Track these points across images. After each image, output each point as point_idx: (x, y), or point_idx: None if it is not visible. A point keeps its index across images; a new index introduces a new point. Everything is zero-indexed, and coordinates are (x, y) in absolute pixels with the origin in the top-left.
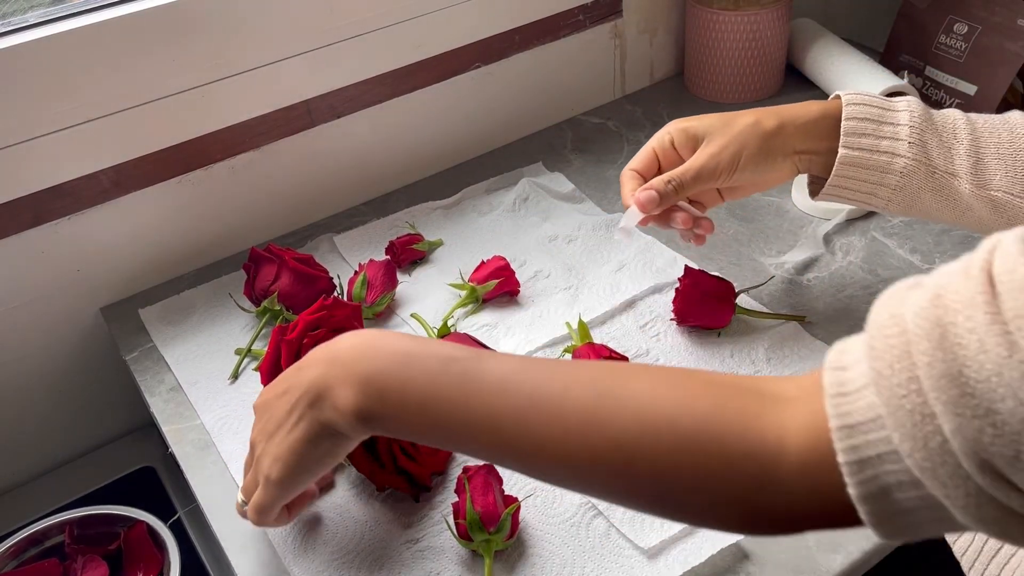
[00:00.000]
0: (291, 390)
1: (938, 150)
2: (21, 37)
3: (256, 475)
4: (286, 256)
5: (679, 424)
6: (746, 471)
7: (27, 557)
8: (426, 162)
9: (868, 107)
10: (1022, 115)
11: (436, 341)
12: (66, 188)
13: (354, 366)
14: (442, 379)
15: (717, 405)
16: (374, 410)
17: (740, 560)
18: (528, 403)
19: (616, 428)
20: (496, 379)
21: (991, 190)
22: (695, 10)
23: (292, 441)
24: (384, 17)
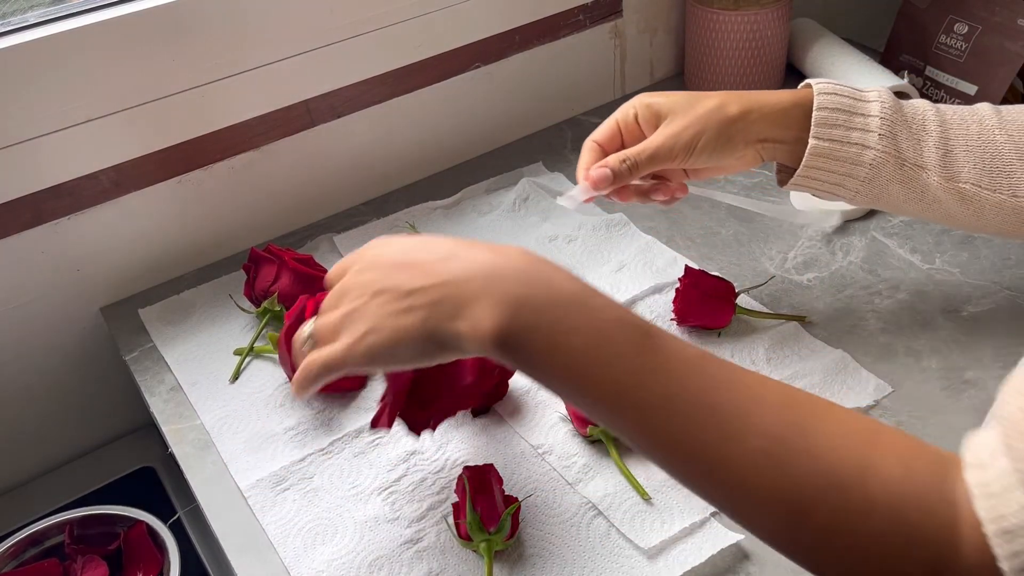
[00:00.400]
0: (426, 272)
1: (908, 142)
2: (21, 37)
3: (339, 327)
4: (286, 256)
5: (868, 485)
6: (924, 555)
7: (27, 557)
8: (426, 162)
9: (840, 97)
10: (991, 107)
11: (606, 296)
12: (66, 188)
13: (515, 289)
14: (613, 337)
15: (907, 471)
16: (517, 342)
17: (740, 560)
18: (705, 403)
19: (800, 471)
20: (679, 361)
21: (959, 182)
22: (695, 10)
23: (401, 325)
24: (384, 17)
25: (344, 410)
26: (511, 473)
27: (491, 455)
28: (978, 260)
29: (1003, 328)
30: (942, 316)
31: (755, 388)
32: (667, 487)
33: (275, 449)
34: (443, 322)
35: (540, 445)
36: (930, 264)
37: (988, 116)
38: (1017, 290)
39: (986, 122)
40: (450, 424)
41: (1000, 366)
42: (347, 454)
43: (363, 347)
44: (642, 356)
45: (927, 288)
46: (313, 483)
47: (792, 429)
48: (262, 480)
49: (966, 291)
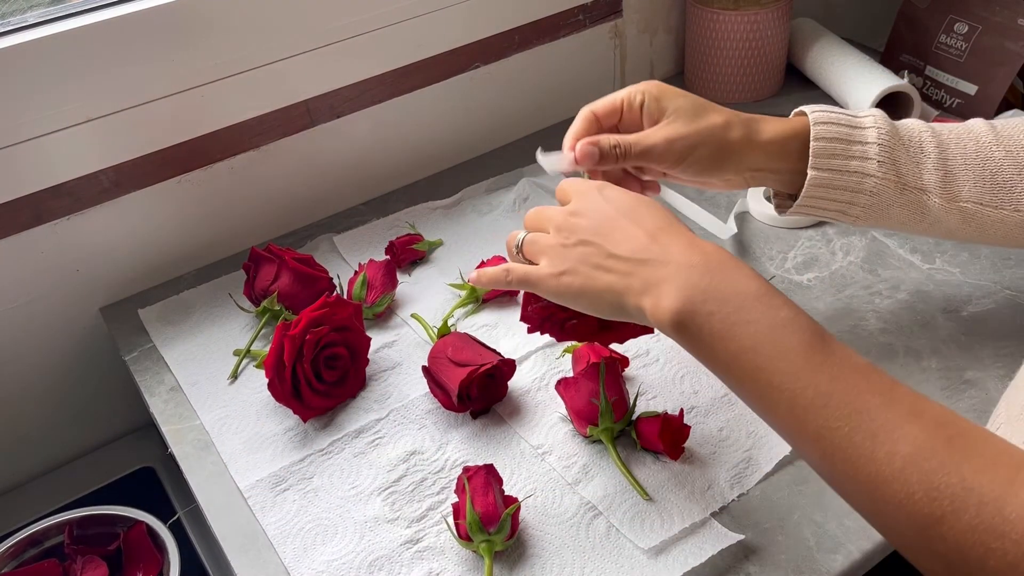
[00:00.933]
0: (630, 243)
1: (907, 166)
2: (21, 37)
3: (544, 254)
4: (286, 256)
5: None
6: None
7: (27, 557)
8: (426, 162)
9: (836, 126)
10: (984, 123)
11: (786, 297)
12: (66, 188)
13: (700, 279)
14: (785, 333)
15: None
16: (693, 325)
17: (740, 560)
18: (861, 405)
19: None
20: (845, 365)
21: (960, 201)
22: (695, 10)
23: (594, 279)
24: (384, 17)
25: (344, 410)
26: (511, 473)
27: (491, 455)
28: (978, 260)
29: (1003, 328)
30: (942, 316)
31: (915, 403)
32: (667, 487)
33: (275, 449)
34: (630, 294)
35: (540, 445)
36: (930, 264)
37: (984, 133)
38: (1017, 290)
39: (983, 139)
40: (450, 424)
41: (1000, 366)
42: (347, 454)
43: (557, 283)
44: (809, 355)
45: (927, 288)
46: (313, 483)
47: (942, 443)
48: (262, 480)
49: (966, 291)
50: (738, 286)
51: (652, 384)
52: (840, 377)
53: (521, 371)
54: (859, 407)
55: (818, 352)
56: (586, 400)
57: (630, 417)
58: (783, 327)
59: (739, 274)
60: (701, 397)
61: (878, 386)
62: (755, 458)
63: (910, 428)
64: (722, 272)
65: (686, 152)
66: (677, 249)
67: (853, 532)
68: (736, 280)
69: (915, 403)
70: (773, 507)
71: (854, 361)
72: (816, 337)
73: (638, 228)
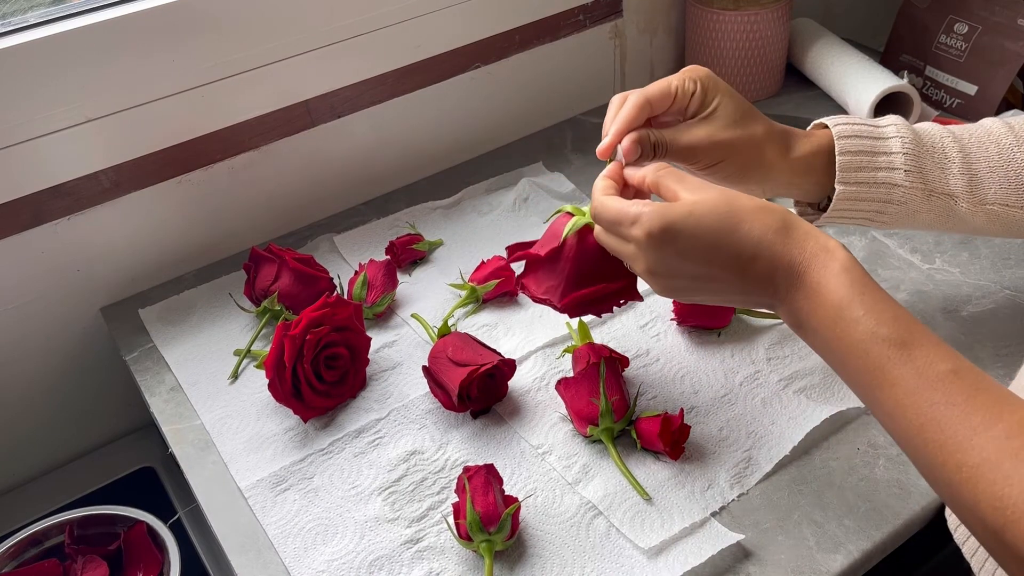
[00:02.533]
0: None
1: (934, 172)
2: (21, 37)
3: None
4: (286, 256)
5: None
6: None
7: (27, 557)
8: (426, 162)
9: (860, 139)
10: (1001, 123)
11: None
12: (66, 188)
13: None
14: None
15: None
16: (803, 336)
17: (740, 560)
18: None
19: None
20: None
21: (987, 204)
22: (695, 10)
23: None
24: (384, 17)
25: (344, 410)
26: (511, 473)
27: (491, 455)
28: (978, 260)
29: (1003, 328)
30: (942, 316)
31: (992, 411)
32: (667, 487)
33: (275, 449)
34: (755, 305)
35: (540, 445)
36: (930, 264)
37: (1003, 135)
38: (1017, 290)
39: (1003, 141)
40: (450, 424)
41: (1000, 366)
42: (347, 454)
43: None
44: (884, 370)
45: (927, 288)
46: (313, 483)
47: (1009, 455)
48: (262, 480)
49: (966, 291)
50: (820, 302)
51: (652, 384)
52: (917, 390)
53: (521, 371)
54: (932, 418)
55: (896, 364)
56: (586, 400)
57: (630, 417)
58: (861, 346)
59: (825, 285)
60: (701, 397)
61: (955, 396)
62: (755, 458)
63: (979, 439)
64: (809, 286)
65: (721, 156)
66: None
67: (853, 532)
68: (819, 294)
69: (992, 411)
70: (773, 507)
71: (937, 369)
72: (895, 348)
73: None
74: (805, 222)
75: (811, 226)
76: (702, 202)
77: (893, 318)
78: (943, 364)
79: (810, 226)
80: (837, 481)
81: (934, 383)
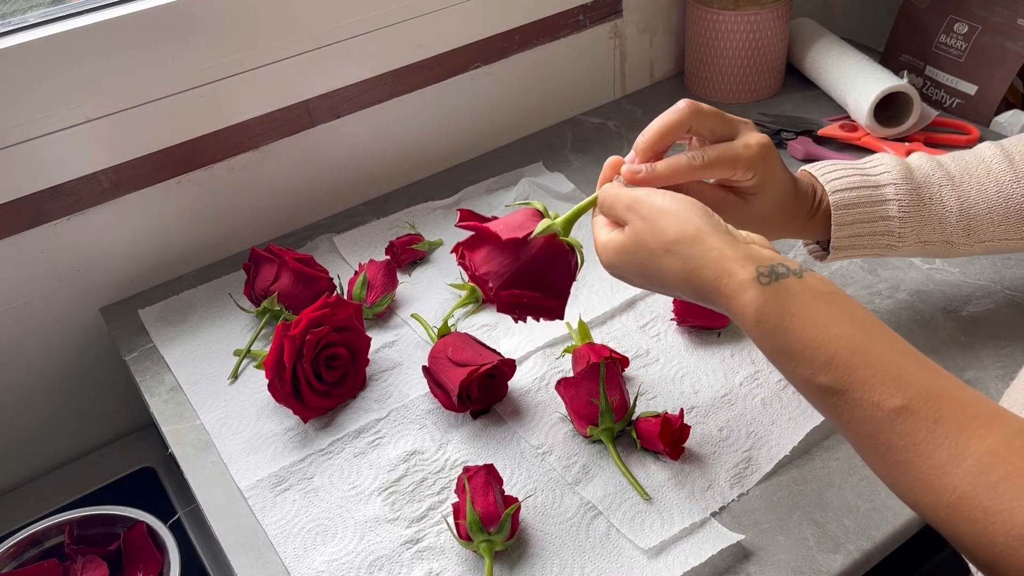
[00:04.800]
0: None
1: (931, 226)
2: (21, 37)
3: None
4: (286, 256)
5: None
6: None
7: (27, 558)
8: (426, 162)
9: (857, 208)
10: (998, 153)
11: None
12: (66, 188)
13: (756, 335)
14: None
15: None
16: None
17: (740, 560)
18: (896, 460)
19: (989, 529)
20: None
21: (986, 241)
22: (695, 10)
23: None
24: (384, 17)
25: (344, 410)
26: (511, 473)
27: (491, 455)
28: (978, 260)
29: (1003, 328)
30: (942, 316)
31: (955, 443)
32: (667, 487)
33: (275, 449)
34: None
35: (540, 445)
36: (930, 264)
37: (1002, 171)
38: (1017, 290)
39: (1002, 179)
40: (450, 424)
41: (1000, 366)
42: (347, 454)
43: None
44: (834, 416)
45: (927, 288)
46: (313, 483)
47: (987, 490)
48: (262, 480)
49: (966, 291)
50: (781, 346)
51: (652, 384)
52: (872, 436)
53: (521, 371)
54: (895, 462)
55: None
56: (586, 400)
57: (630, 417)
58: (806, 391)
59: (791, 327)
60: (701, 397)
61: (913, 435)
62: (755, 458)
63: (950, 478)
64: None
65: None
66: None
67: (853, 532)
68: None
69: (957, 444)
70: (773, 507)
71: (884, 410)
72: (837, 396)
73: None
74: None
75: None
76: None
77: (827, 361)
78: (892, 400)
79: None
80: (837, 481)
81: (887, 426)
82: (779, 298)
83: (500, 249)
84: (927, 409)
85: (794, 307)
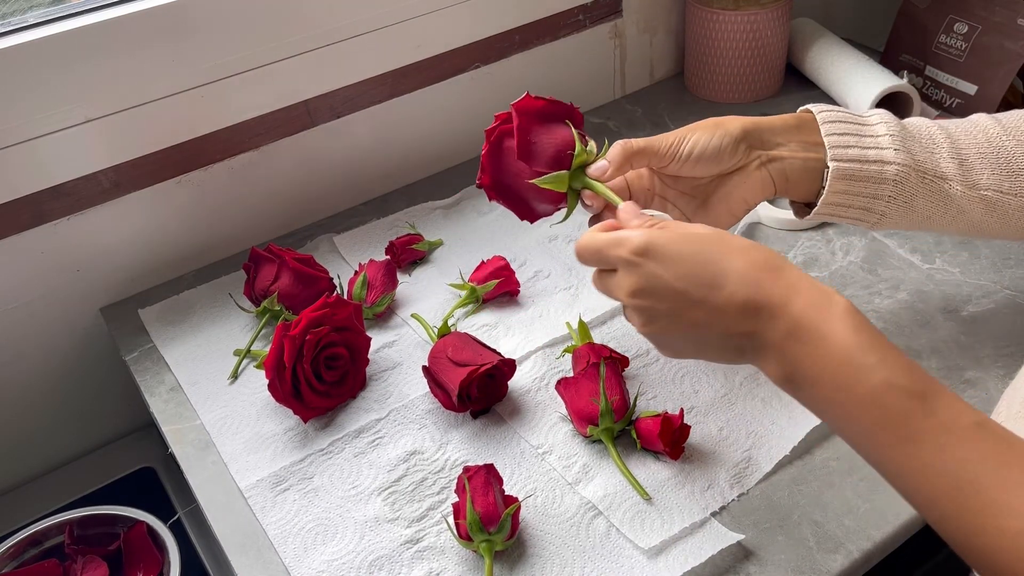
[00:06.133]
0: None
1: (923, 154)
2: (21, 37)
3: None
4: (286, 256)
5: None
6: None
7: (27, 558)
8: (426, 162)
9: (844, 123)
10: (988, 116)
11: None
12: (66, 188)
13: (790, 347)
14: (877, 404)
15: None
16: (798, 389)
17: (740, 560)
18: (965, 477)
19: None
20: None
21: (981, 189)
22: (695, 10)
23: (711, 357)
24: (384, 17)
25: (344, 410)
26: (511, 473)
27: (491, 455)
28: (978, 260)
29: (1003, 328)
30: (942, 316)
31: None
32: (667, 487)
33: (275, 449)
34: (740, 358)
35: (540, 445)
36: (930, 264)
37: (990, 125)
38: (1017, 290)
39: (990, 131)
40: (450, 424)
41: (1000, 366)
42: (347, 454)
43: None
44: (906, 424)
45: (927, 288)
46: (313, 483)
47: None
48: (262, 480)
49: (966, 291)
50: (828, 350)
51: (652, 384)
52: (946, 447)
53: (521, 371)
54: (967, 479)
55: (918, 418)
56: (586, 400)
57: (630, 417)
58: (877, 397)
59: (831, 332)
60: (701, 397)
61: (987, 452)
62: (755, 458)
63: (1021, 501)
64: (811, 332)
65: (682, 136)
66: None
67: (853, 532)
68: (826, 341)
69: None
70: (773, 507)
71: (962, 422)
72: (915, 400)
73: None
74: (795, 267)
75: (802, 272)
76: (692, 229)
77: (908, 367)
78: (967, 416)
79: (801, 272)
80: (837, 481)
81: (962, 439)
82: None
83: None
84: (998, 429)
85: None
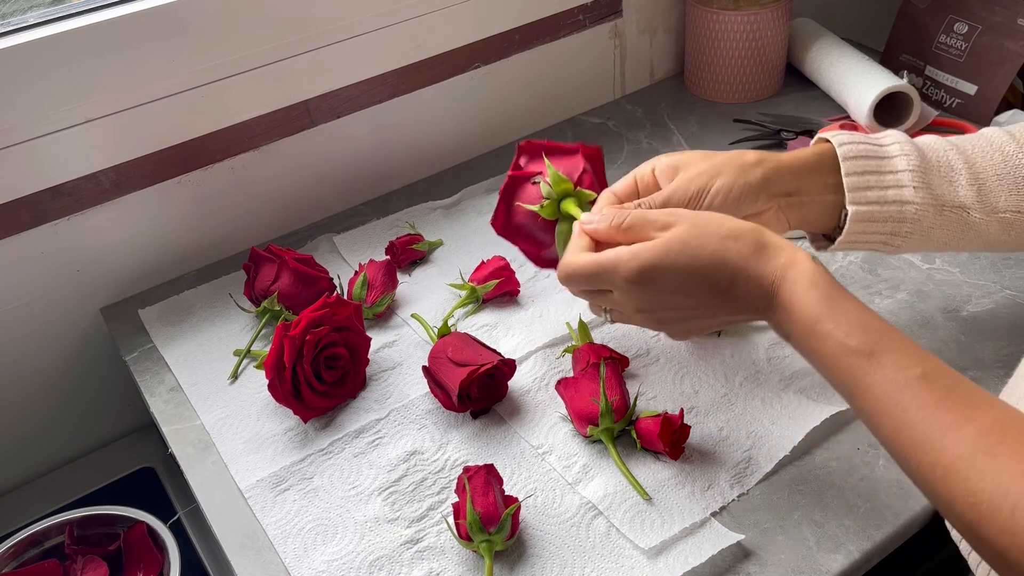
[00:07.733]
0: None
1: (943, 187)
2: (21, 37)
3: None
4: (286, 256)
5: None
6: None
7: (27, 558)
8: (426, 162)
9: (865, 160)
10: (1000, 131)
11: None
12: (66, 188)
13: (771, 315)
14: (832, 367)
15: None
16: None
17: (740, 560)
18: (905, 420)
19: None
20: (890, 383)
21: (999, 212)
22: (695, 10)
23: (709, 328)
24: (384, 17)
25: (344, 410)
26: (511, 473)
27: (491, 455)
28: (978, 260)
29: (1003, 328)
30: (942, 316)
31: (964, 411)
32: (667, 487)
33: (275, 449)
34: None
35: (540, 445)
36: (930, 264)
37: (1005, 142)
38: (1017, 290)
39: (1006, 149)
40: (450, 424)
41: (1000, 366)
42: (347, 454)
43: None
44: (855, 381)
45: (927, 288)
46: (313, 483)
47: (982, 453)
48: (262, 480)
49: (966, 291)
50: (793, 318)
51: (652, 384)
52: (889, 395)
53: (521, 371)
54: (904, 422)
55: (867, 373)
56: (586, 400)
57: (630, 417)
58: (834, 358)
59: (796, 301)
60: (701, 397)
61: (926, 398)
62: (755, 458)
63: (951, 438)
64: (781, 303)
65: (707, 184)
66: (748, 307)
67: (853, 532)
68: (792, 309)
69: (964, 411)
70: (773, 507)
71: (907, 375)
72: (863, 358)
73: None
74: (775, 236)
75: (780, 239)
76: (673, 239)
77: (862, 328)
78: (912, 369)
79: (779, 239)
80: (837, 481)
81: (904, 388)
82: (827, 271)
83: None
84: (943, 379)
85: (836, 282)
